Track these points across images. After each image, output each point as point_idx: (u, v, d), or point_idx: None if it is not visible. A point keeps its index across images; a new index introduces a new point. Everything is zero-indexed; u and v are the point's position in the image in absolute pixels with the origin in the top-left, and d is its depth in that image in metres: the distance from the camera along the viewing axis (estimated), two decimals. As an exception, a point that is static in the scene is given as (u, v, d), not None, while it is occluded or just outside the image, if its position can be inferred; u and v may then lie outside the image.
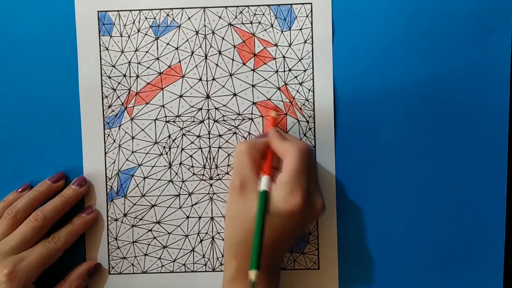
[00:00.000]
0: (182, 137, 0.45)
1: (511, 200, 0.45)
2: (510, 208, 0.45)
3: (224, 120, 0.45)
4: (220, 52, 0.44)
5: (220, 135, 0.45)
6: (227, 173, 0.45)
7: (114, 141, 0.45)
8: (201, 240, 0.45)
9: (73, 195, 0.43)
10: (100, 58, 0.44)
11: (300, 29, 0.44)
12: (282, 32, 0.44)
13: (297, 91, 0.44)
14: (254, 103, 0.45)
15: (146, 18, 0.44)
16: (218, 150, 0.45)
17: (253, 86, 0.44)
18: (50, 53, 0.44)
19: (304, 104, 0.44)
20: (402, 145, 0.44)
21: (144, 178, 0.45)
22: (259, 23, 0.44)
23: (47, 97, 0.44)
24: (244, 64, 0.44)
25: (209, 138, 0.45)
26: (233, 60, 0.44)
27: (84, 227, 0.44)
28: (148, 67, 0.44)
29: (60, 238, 0.42)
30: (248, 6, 0.44)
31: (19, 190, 0.44)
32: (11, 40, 0.44)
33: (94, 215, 0.44)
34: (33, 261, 0.40)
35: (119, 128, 0.45)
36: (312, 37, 0.44)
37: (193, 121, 0.45)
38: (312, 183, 0.39)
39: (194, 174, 0.45)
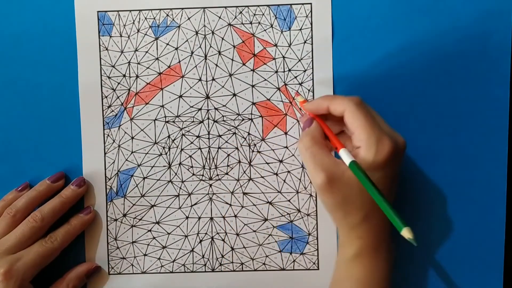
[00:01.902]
0: (182, 137, 0.45)
1: (511, 200, 0.45)
2: (510, 208, 0.45)
3: (223, 121, 0.45)
4: (219, 52, 0.44)
5: (219, 136, 0.45)
6: (227, 173, 0.45)
7: (114, 141, 0.45)
8: (201, 241, 0.45)
9: (71, 196, 0.43)
10: (100, 58, 0.44)
11: (300, 30, 0.44)
12: (281, 32, 0.44)
13: (297, 91, 0.44)
14: (253, 103, 0.45)
15: (145, 18, 0.44)
16: (217, 151, 0.45)
17: (252, 86, 0.44)
18: (50, 53, 0.44)
19: (303, 105, 0.44)
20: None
21: (144, 178, 0.45)
22: (259, 23, 0.44)
23: (47, 97, 0.44)
24: (243, 64, 0.44)
25: (208, 138, 0.45)
26: (232, 60, 0.44)
27: (82, 227, 0.44)
28: (148, 67, 0.44)
29: (57, 238, 0.42)
30: (247, 6, 0.44)
31: (19, 189, 0.44)
32: (11, 40, 0.44)
33: (92, 216, 0.44)
34: (29, 260, 0.40)
35: (119, 128, 0.45)
36: (312, 38, 0.44)
37: (193, 121, 0.45)
38: (383, 124, 0.38)
39: (193, 174, 0.45)
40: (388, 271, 0.39)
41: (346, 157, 0.36)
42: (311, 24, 0.44)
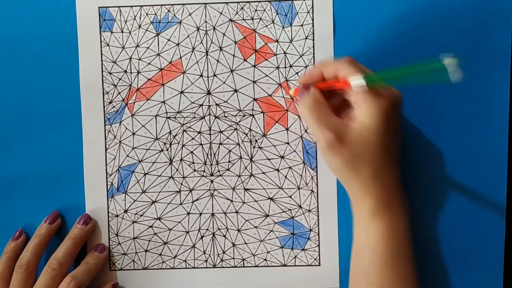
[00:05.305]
0: (183, 133, 0.45)
1: (511, 200, 0.45)
2: (510, 208, 0.45)
3: (225, 116, 0.45)
4: (221, 48, 0.44)
5: (221, 131, 0.45)
6: (228, 169, 0.45)
7: (115, 137, 0.45)
8: (202, 237, 0.45)
9: (80, 235, 0.43)
10: (101, 54, 0.44)
11: (301, 25, 0.44)
12: (283, 28, 0.44)
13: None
14: (255, 99, 0.45)
15: (147, 14, 0.44)
16: (219, 146, 0.45)
17: (254, 82, 0.44)
18: (51, 49, 0.44)
19: (305, 100, 0.44)
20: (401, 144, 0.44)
21: (145, 174, 0.45)
22: (260, 19, 0.44)
23: (48, 93, 0.44)
24: (245, 60, 0.44)
25: (209, 134, 0.45)
26: (234, 56, 0.44)
27: (100, 265, 0.44)
28: (149, 63, 0.44)
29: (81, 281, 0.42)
30: (249, 2, 0.44)
31: (15, 238, 0.44)
32: (12, 37, 0.44)
33: (107, 252, 0.44)
34: None
35: (120, 124, 0.45)
36: (313, 33, 0.44)
37: (194, 117, 0.45)
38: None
39: (194, 170, 0.45)
40: (406, 226, 0.39)
41: (357, 79, 0.36)
42: (313, 20, 0.44)
